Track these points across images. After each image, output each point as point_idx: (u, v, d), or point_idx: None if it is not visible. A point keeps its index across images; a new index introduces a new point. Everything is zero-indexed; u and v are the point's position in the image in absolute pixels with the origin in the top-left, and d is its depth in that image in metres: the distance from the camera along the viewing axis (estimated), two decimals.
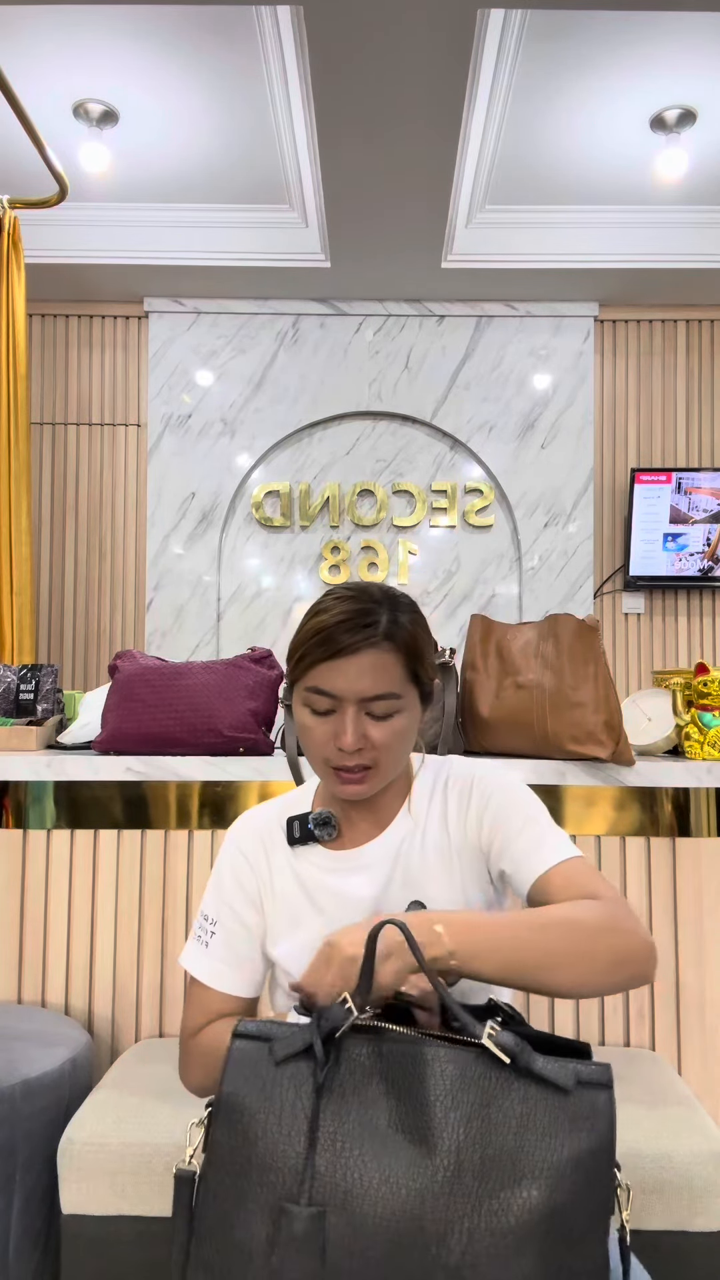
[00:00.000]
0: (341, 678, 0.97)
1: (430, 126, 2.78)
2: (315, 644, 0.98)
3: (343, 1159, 0.75)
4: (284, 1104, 0.78)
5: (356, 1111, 0.77)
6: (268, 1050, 0.79)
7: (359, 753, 0.99)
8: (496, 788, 1.07)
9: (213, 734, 1.76)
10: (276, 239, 3.67)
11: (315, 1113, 0.77)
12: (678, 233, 3.66)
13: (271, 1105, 0.78)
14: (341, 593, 1.02)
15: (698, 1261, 1.28)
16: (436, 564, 4.07)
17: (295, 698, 1.03)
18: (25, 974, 1.77)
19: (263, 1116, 0.77)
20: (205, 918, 1.10)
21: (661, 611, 4.10)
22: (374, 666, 0.98)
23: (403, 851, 1.07)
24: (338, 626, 0.97)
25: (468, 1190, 0.74)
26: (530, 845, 1.01)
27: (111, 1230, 1.32)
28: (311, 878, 1.08)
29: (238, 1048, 0.81)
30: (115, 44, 2.74)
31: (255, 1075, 0.79)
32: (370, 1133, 0.76)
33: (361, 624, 0.98)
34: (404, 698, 1.00)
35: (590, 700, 1.64)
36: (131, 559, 4.08)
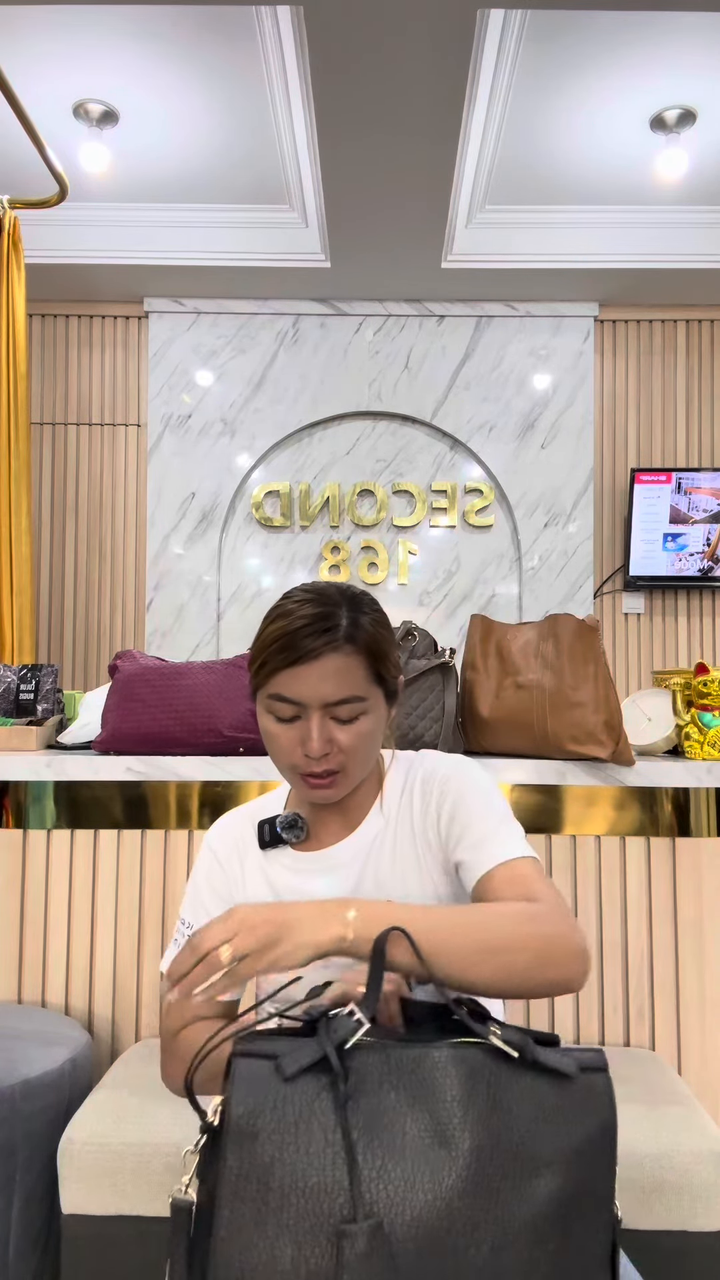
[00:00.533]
0: (304, 684, 0.96)
1: (430, 126, 2.78)
2: (275, 650, 0.96)
3: (381, 1171, 0.74)
4: (301, 1121, 0.75)
5: (380, 1121, 0.76)
6: (273, 1067, 0.76)
7: (326, 757, 0.98)
8: (456, 779, 1.05)
9: (213, 734, 1.76)
10: (276, 239, 3.67)
11: (346, 1127, 0.74)
12: (678, 233, 3.66)
13: (287, 1123, 0.74)
14: (300, 595, 1.00)
15: (698, 1261, 1.28)
16: (436, 564, 4.07)
17: (259, 705, 1.01)
18: (25, 974, 1.77)
19: (278, 1136, 0.74)
20: (183, 922, 1.10)
21: (661, 611, 4.10)
22: (337, 670, 0.96)
23: (373, 851, 1.06)
24: (297, 632, 0.95)
25: (492, 1187, 0.74)
26: (480, 839, 0.99)
27: (111, 1230, 1.32)
28: (281, 880, 1.07)
29: (242, 1066, 0.76)
30: (115, 44, 2.74)
31: (265, 1094, 0.75)
32: (398, 1141, 0.75)
33: (322, 628, 0.96)
34: (368, 699, 0.99)
35: (590, 700, 1.64)
36: (131, 559, 4.08)
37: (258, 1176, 0.73)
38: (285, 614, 0.98)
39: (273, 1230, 0.72)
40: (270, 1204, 0.73)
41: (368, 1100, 0.76)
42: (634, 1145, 1.30)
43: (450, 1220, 0.73)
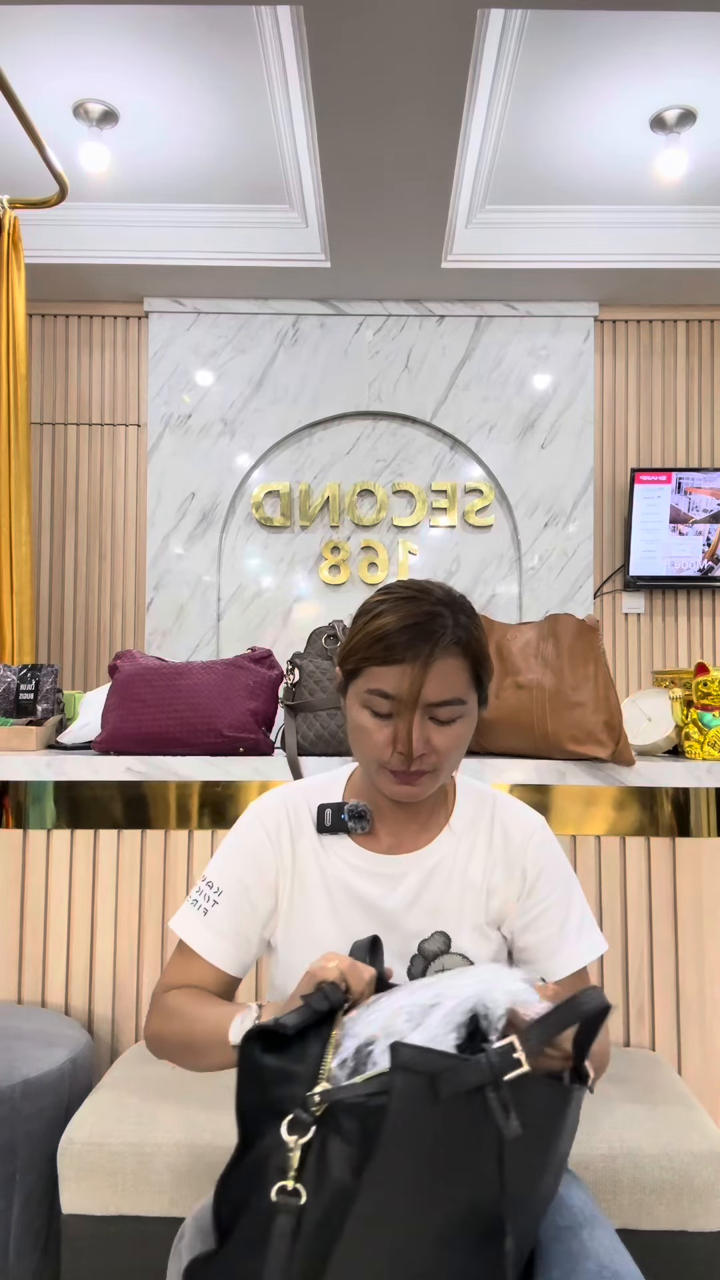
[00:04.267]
0: (408, 682, 0.95)
1: (430, 126, 2.78)
2: (382, 647, 0.95)
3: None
4: (456, 1140, 0.76)
5: (527, 1153, 0.79)
6: (429, 1083, 0.74)
7: (422, 757, 0.97)
8: (551, 861, 1.08)
9: (213, 734, 1.76)
10: (276, 239, 3.67)
11: (502, 1153, 0.76)
12: (678, 233, 3.66)
13: (435, 1140, 0.75)
14: (402, 592, 1.00)
15: (698, 1261, 1.28)
16: (436, 564, 4.07)
17: (352, 697, 1.00)
18: (25, 974, 1.77)
19: (427, 1154, 0.75)
20: (210, 884, 1.06)
21: (661, 611, 4.10)
22: (442, 672, 0.96)
23: (438, 873, 1.05)
24: (406, 630, 0.95)
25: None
26: (560, 939, 1.06)
27: (111, 1230, 1.32)
28: (335, 871, 1.05)
29: (399, 1081, 0.75)
30: (115, 44, 2.74)
31: (416, 1108, 0.75)
32: (537, 1165, 0.81)
33: (430, 628, 0.95)
34: (467, 703, 0.99)
35: (590, 700, 1.64)
36: (131, 559, 4.08)
37: (402, 1180, 0.76)
38: (387, 610, 0.97)
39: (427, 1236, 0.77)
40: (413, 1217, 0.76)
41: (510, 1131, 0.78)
42: (634, 1145, 1.30)
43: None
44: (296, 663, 1.79)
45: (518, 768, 1.70)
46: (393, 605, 0.98)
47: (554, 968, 1.05)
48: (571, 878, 1.10)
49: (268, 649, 1.88)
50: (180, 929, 1.06)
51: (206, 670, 1.82)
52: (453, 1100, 0.74)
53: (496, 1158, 0.76)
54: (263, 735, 1.80)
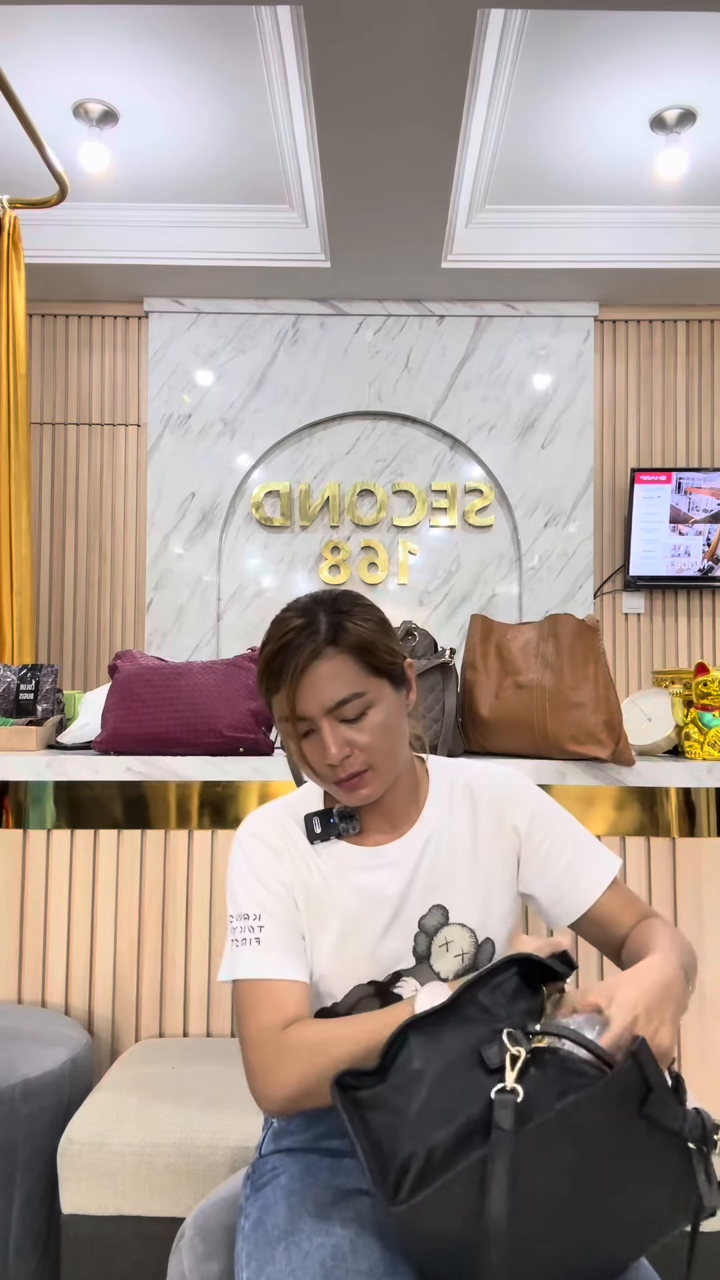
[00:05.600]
0: (301, 699, 0.98)
1: (430, 126, 2.78)
2: (268, 676, 1.00)
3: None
4: (628, 1158, 0.81)
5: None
6: (644, 1090, 0.79)
7: (348, 760, 0.99)
8: (539, 805, 1.11)
9: (213, 734, 1.76)
10: (276, 239, 3.67)
11: (697, 1217, 0.83)
12: (678, 233, 3.66)
13: (610, 1141, 0.80)
14: (281, 615, 1.03)
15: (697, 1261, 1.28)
16: (436, 564, 4.07)
17: (280, 731, 1.04)
18: (25, 974, 1.77)
19: (601, 1148, 0.79)
20: (246, 916, 1.02)
21: (661, 611, 4.10)
22: (324, 676, 0.98)
23: (427, 851, 1.07)
24: (279, 653, 0.99)
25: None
26: (579, 865, 1.08)
27: (111, 1230, 1.32)
28: (336, 874, 1.06)
29: (630, 1072, 0.79)
30: (115, 44, 2.74)
31: (623, 1101, 0.79)
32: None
33: (295, 644, 0.98)
34: (368, 692, 0.99)
35: (590, 700, 1.64)
36: (131, 559, 4.08)
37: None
38: (269, 638, 1.01)
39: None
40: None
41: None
42: None
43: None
44: None
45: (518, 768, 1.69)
46: (270, 634, 1.02)
47: (581, 897, 1.07)
48: (562, 812, 1.12)
49: None
50: (244, 972, 1.00)
51: (206, 670, 1.82)
52: (644, 1121, 0.78)
53: (674, 1208, 0.82)
54: (263, 735, 1.80)
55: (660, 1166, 0.80)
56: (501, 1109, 0.77)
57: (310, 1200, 0.95)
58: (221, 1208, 1.10)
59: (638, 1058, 0.78)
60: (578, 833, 1.11)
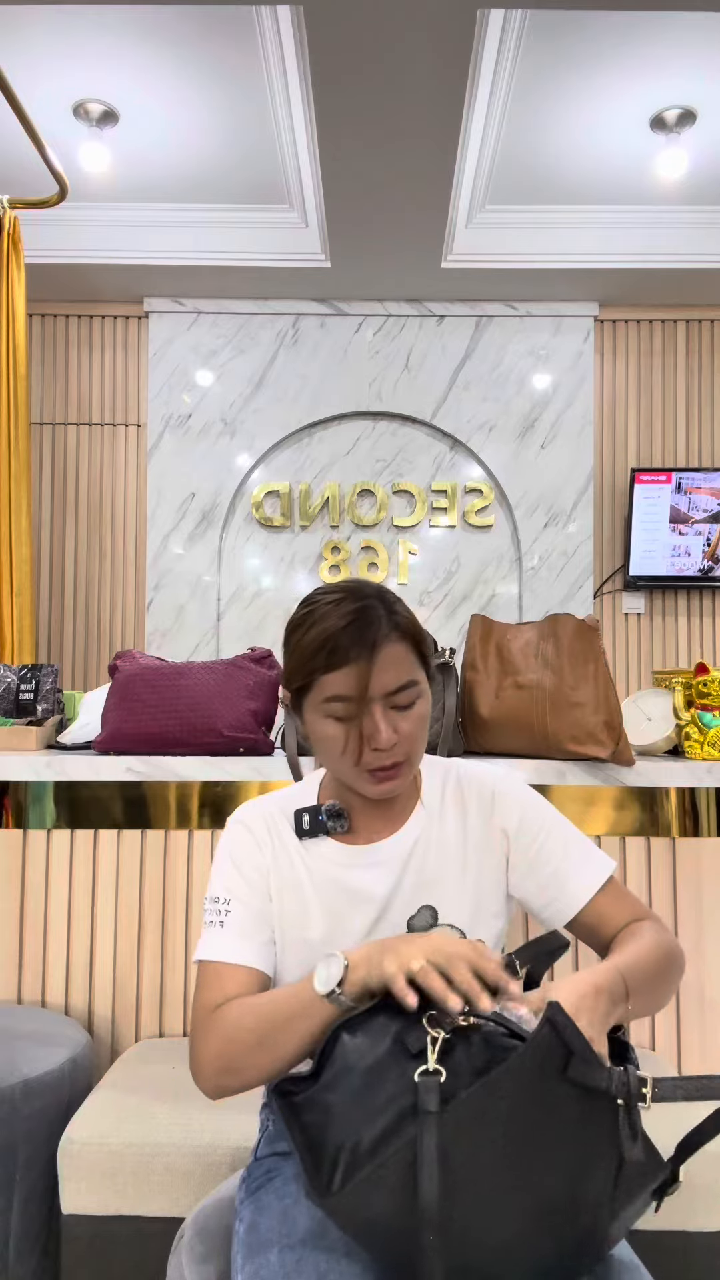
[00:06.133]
0: (361, 679, 0.96)
1: (430, 126, 2.78)
2: (326, 653, 0.96)
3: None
4: (555, 1125, 0.81)
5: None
6: (564, 1055, 0.78)
7: (394, 748, 0.98)
8: (529, 807, 1.09)
9: (213, 734, 1.76)
10: (276, 239, 3.67)
11: (618, 1173, 0.82)
12: (678, 233, 3.66)
13: (539, 1110, 0.80)
14: (327, 598, 1.01)
15: (698, 1261, 1.28)
16: (436, 564, 4.07)
17: (310, 712, 1.00)
18: (25, 974, 1.77)
19: (530, 1120, 0.79)
20: (216, 899, 1.04)
21: (661, 611, 4.10)
22: (392, 660, 0.97)
23: (417, 851, 1.06)
24: (348, 629, 0.96)
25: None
26: (569, 868, 1.06)
27: (111, 1230, 1.32)
28: (322, 871, 1.05)
29: (547, 1037, 0.79)
30: (115, 44, 2.74)
31: (544, 1067, 0.79)
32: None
33: (368, 620, 0.97)
34: (419, 683, 1.01)
35: (590, 700, 1.64)
36: (131, 559, 4.08)
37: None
38: (324, 615, 0.98)
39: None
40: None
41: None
42: None
43: None
44: None
45: (518, 768, 1.70)
46: (323, 611, 0.99)
47: (569, 900, 1.06)
48: (554, 814, 1.10)
49: (268, 649, 1.88)
50: (206, 952, 1.01)
51: (206, 670, 1.82)
52: (570, 1086, 0.77)
53: (609, 1175, 0.79)
54: (263, 735, 1.80)
55: (598, 1139, 0.79)
56: (426, 1091, 0.77)
57: (304, 1203, 0.94)
58: (221, 1208, 1.10)
59: (553, 1022, 0.78)
60: (569, 834, 1.09)
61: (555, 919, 1.07)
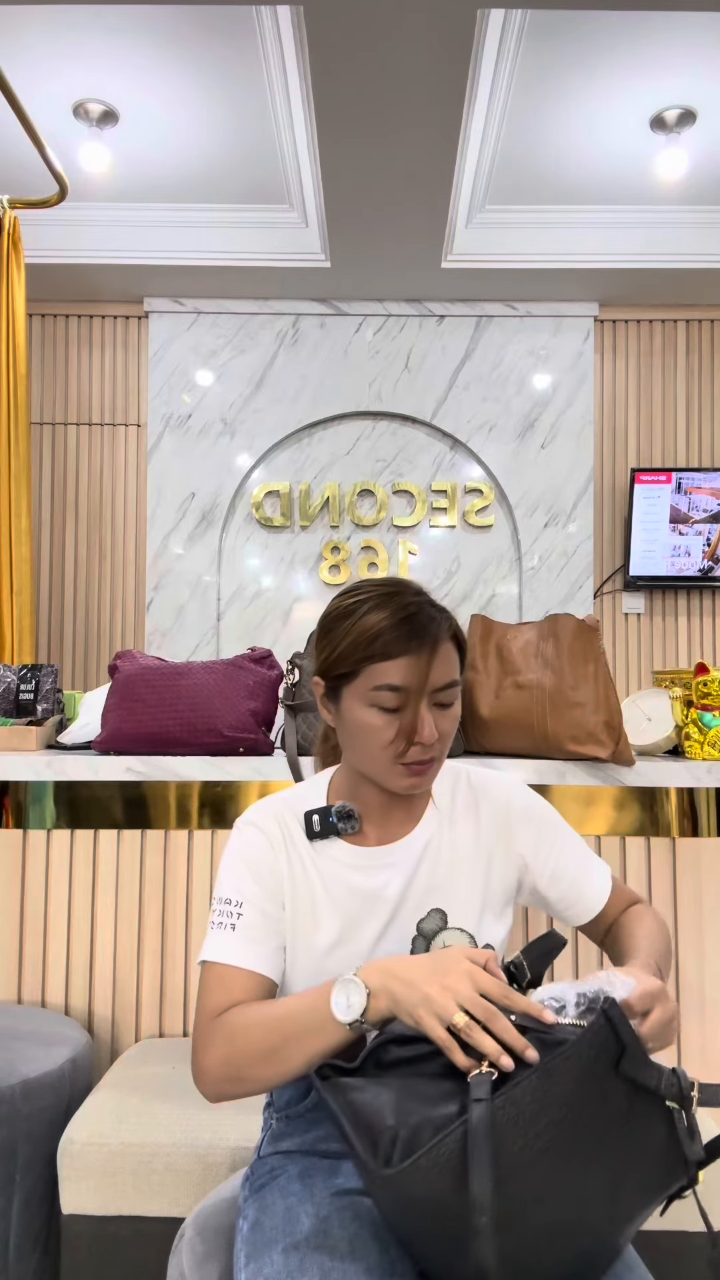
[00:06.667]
0: (420, 671, 0.96)
1: (430, 126, 2.78)
2: (383, 642, 0.96)
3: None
4: (608, 1121, 0.82)
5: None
6: (619, 1050, 0.80)
7: (430, 745, 0.98)
8: (540, 815, 1.12)
9: (213, 734, 1.76)
10: (276, 239, 3.67)
11: (688, 1174, 0.85)
12: (678, 233, 3.66)
13: (596, 1105, 0.81)
14: (377, 589, 1.01)
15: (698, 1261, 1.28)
16: (436, 564, 4.07)
17: (351, 700, 0.99)
18: (25, 974, 1.77)
19: (585, 1114, 0.81)
20: (227, 901, 1.02)
21: (661, 611, 4.10)
22: (444, 657, 0.98)
23: (428, 854, 1.06)
24: (406, 622, 0.97)
25: None
26: (583, 877, 1.11)
27: (111, 1230, 1.32)
28: (332, 873, 1.04)
29: (601, 1031, 0.80)
30: (115, 44, 2.74)
31: (598, 1062, 0.80)
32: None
33: (429, 615, 0.98)
34: (459, 685, 1.02)
35: (590, 700, 1.64)
36: (131, 559, 4.08)
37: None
38: (379, 605, 0.98)
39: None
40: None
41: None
42: None
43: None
44: (296, 663, 1.79)
45: (518, 768, 1.70)
46: (376, 601, 0.99)
47: (589, 902, 1.11)
48: (560, 820, 1.15)
49: (268, 649, 1.88)
50: (213, 954, 0.99)
51: (206, 670, 1.82)
52: (621, 1081, 0.78)
53: (649, 1171, 0.81)
54: (263, 735, 1.80)
55: (646, 1132, 0.80)
56: (478, 1085, 0.78)
57: (309, 1201, 0.95)
58: (221, 1208, 1.10)
59: (608, 1015, 0.79)
60: (575, 843, 1.14)
61: (572, 921, 1.12)
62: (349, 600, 1.02)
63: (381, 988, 0.87)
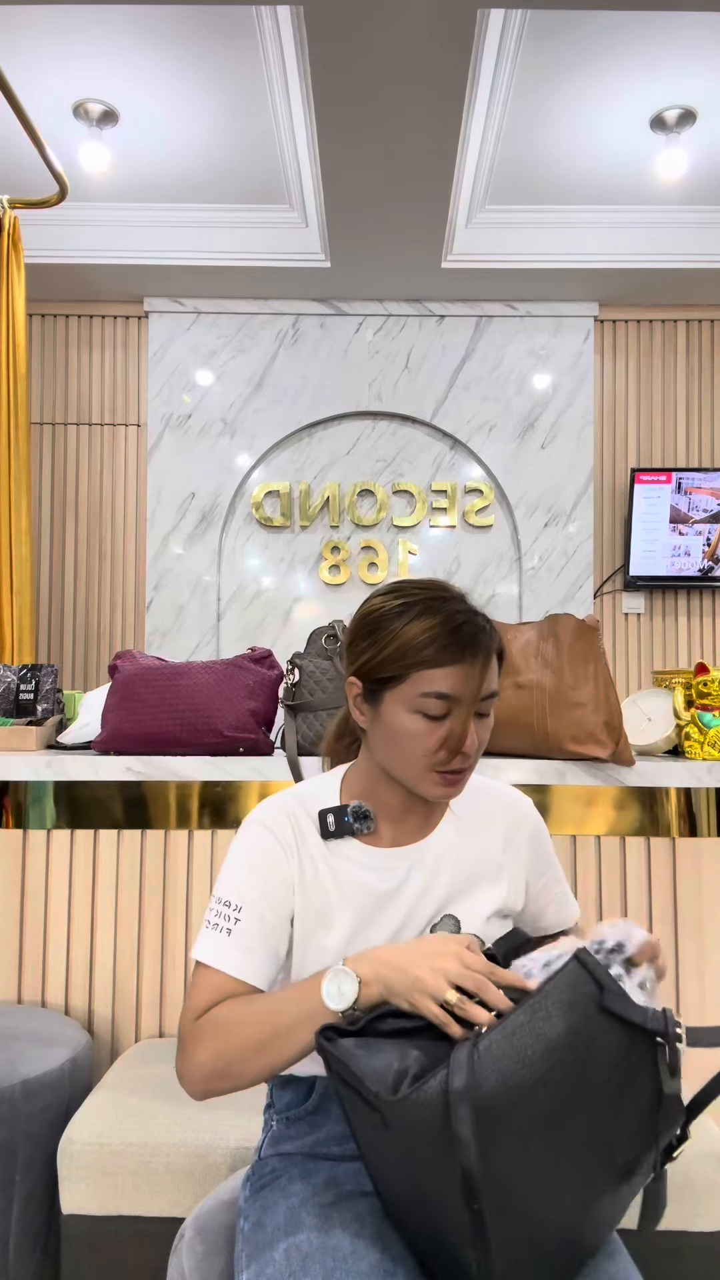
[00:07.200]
0: (472, 681, 0.96)
1: (430, 126, 2.78)
2: (435, 649, 0.95)
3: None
4: (602, 1065, 0.84)
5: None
6: (598, 990, 0.82)
7: (468, 754, 0.98)
8: (545, 843, 1.16)
9: (213, 734, 1.76)
10: (276, 239, 3.67)
11: (658, 1106, 0.88)
12: (678, 233, 3.66)
13: (586, 1047, 0.82)
14: (423, 593, 1.00)
15: (697, 1261, 1.28)
16: (436, 564, 4.07)
17: (394, 704, 0.98)
18: (25, 974, 1.77)
19: (575, 1051, 0.82)
20: (227, 904, 1.00)
21: (661, 611, 4.10)
22: (490, 666, 0.98)
23: (444, 857, 1.06)
24: (464, 627, 0.96)
25: None
26: (565, 896, 1.18)
27: (111, 1230, 1.32)
28: (347, 873, 1.04)
29: (574, 973, 0.83)
30: (115, 44, 2.74)
31: (579, 1001, 0.82)
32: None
33: (479, 624, 0.98)
34: (498, 694, 1.03)
35: (590, 700, 1.64)
36: (131, 559, 4.08)
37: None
38: (426, 612, 0.97)
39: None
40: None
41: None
42: None
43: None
44: (296, 663, 1.79)
45: (518, 768, 1.70)
46: (426, 605, 0.98)
47: (565, 918, 1.17)
48: (551, 846, 1.19)
49: (268, 649, 1.88)
50: (207, 957, 0.99)
51: (206, 670, 1.82)
52: (610, 1020, 0.79)
53: (647, 1108, 0.82)
54: (263, 735, 1.80)
55: (639, 1086, 0.82)
56: (461, 1044, 0.82)
57: (310, 1202, 0.94)
58: (221, 1208, 1.10)
59: (580, 959, 0.82)
60: (561, 874, 1.19)
61: (530, 933, 1.16)
62: (395, 602, 1.00)
63: (373, 975, 0.89)
